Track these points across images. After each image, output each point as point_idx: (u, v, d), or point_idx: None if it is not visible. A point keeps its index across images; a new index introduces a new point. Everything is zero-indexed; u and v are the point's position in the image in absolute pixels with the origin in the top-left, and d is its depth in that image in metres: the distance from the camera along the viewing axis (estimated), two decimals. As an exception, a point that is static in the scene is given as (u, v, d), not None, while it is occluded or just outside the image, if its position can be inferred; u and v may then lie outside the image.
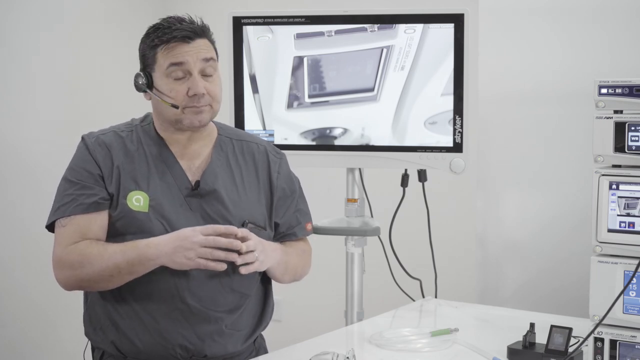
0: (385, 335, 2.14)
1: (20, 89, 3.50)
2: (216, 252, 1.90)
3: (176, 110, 2.03)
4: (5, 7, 3.43)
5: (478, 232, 2.99)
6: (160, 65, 2.03)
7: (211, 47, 2.07)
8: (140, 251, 1.94)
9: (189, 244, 1.90)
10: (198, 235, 1.91)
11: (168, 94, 2.03)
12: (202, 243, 1.90)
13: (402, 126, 2.62)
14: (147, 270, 1.95)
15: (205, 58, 2.03)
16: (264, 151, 2.20)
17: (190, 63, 2.01)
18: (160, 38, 2.02)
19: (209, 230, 1.92)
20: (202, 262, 1.91)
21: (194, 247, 1.90)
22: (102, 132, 2.11)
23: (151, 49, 2.04)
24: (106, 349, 2.07)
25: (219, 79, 2.08)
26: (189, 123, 2.04)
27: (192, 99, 2.02)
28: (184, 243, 1.91)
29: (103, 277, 1.96)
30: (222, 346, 2.07)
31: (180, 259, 1.91)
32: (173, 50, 2.01)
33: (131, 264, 1.94)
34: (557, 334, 1.94)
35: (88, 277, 1.97)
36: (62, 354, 3.56)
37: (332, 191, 3.08)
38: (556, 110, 2.78)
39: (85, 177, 2.03)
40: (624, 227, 1.92)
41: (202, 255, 1.90)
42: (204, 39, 2.05)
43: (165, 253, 1.92)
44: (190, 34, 2.02)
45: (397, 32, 2.58)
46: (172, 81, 2.02)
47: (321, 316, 3.24)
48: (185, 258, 1.91)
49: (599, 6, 2.69)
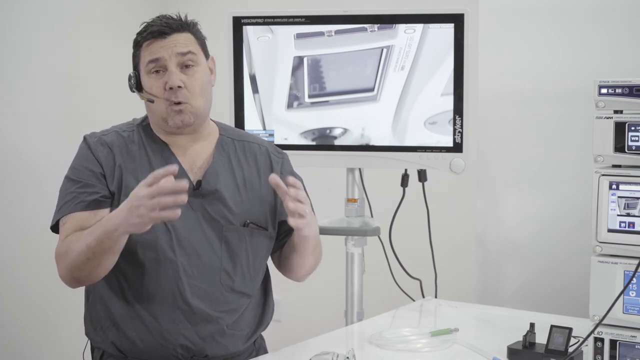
0: (385, 335, 2.14)
1: (21, 88, 3.50)
2: (163, 199, 1.79)
3: (161, 109, 2.03)
4: (5, 7, 3.43)
5: (478, 232, 2.99)
6: (143, 63, 2.04)
7: (192, 41, 2.06)
8: (104, 226, 1.89)
9: (136, 202, 1.81)
10: (142, 189, 1.81)
11: (149, 90, 2.04)
12: (148, 195, 1.80)
13: (402, 126, 2.62)
14: (116, 244, 1.89)
15: (182, 52, 2.02)
16: (265, 152, 2.19)
17: (166, 57, 2.01)
18: (140, 35, 2.05)
19: (149, 179, 1.81)
20: (154, 215, 1.80)
21: (142, 202, 1.80)
22: (104, 133, 2.11)
23: (136, 49, 2.06)
24: (106, 349, 2.07)
25: (202, 74, 2.06)
26: (173, 123, 2.04)
27: (170, 93, 2.01)
28: (133, 202, 1.82)
29: (82, 261, 1.92)
30: (223, 346, 2.06)
31: (135, 220, 1.82)
32: (150, 47, 2.03)
33: (100, 241, 1.89)
34: (557, 334, 1.94)
35: (72, 265, 1.94)
36: (62, 354, 3.56)
37: (332, 191, 3.08)
38: (556, 110, 2.78)
39: (86, 176, 2.03)
40: (624, 227, 1.92)
41: (151, 207, 1.80)
42: (183, 33, 2.04)
43: (122, 219, 1.85)
44: (166, 28, 2.02)
45: (397, 32, 2.58)
46: (152, 77, 2.03)
47: (321, 316, 3.24)
48: (138, 217, 1.81)
49: (599, 6, 2.69)
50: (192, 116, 2.05)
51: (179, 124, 2.04)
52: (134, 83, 2.06)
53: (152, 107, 2.05)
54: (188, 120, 2.04)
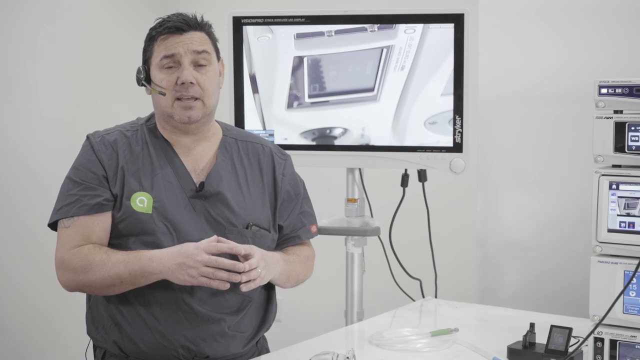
0: (385, 335, 2.14)
1: (21, 88, 3.50)
2: (219, 273, 1.90)
3: (167, 103, 2.04)
4: (5, 7, 3.43)
5: (478, 232, 2.98)
6: (155, 57, 2.05)
7: (207, 41, 2.08)
8: (144, 264, 1.93)
9: (192, 262, 1.90)
10: (202, 254, 1.90)
11: (159, 83, 2.04)
12: (206, 262, 1.89)
13: (402, 126, 2.62)
14: (149, 282, 1.95)
15: (197, 50, 2.04)
16: (269, 152, 2.19)
17: (181, 53, 2.03)
18: (156, 30, 2.06)
19: (212, 249, 1.91)
20: (204, 280, 1.90)
21: (197, 266, 1.89)
22: (107, 132, 2.11)
23: (149, 42, 2.07)
24: (108, 348, 2.07)
25: (214, 74, 2.08)
26: (179, 118, 2.04)
27: (181, 87, 2.02)
28: (187, 261, 1.90)
29: (104, 285, 1.96)
30: (225, 347, 2.06)
31: (183, 276, 1.91)
32: (165, 42, 2.04)
33: (133, 276, 1.94)
34: (557, 334, 1.94)
35: (90, 283, 1.97)
36: (63, 354, 3.56)
37: (332, 191, 3.08)
38: (556, 110, 2.78)
39: (89, 178, 2.03)
40: (624, 227, 1.92)
41: (204, 274, 1.89)
42: (199, 32, 2.06)
43: (168, 268, 1.92)
44: (183, 25, 2.04)
45: (397, 32, 2.58)
46: (164, 71, 2.04)
47: (321, 316, 3.25)
48: (188, 276, 1.90)
49: (600, 6, 2.69)
50: (201, 114, 2.06)
51: (185, 119, 2.04)
52: (144, 77, 2.07)
53: (159, 101, 2.06)
54: (196, 117, 2.05)
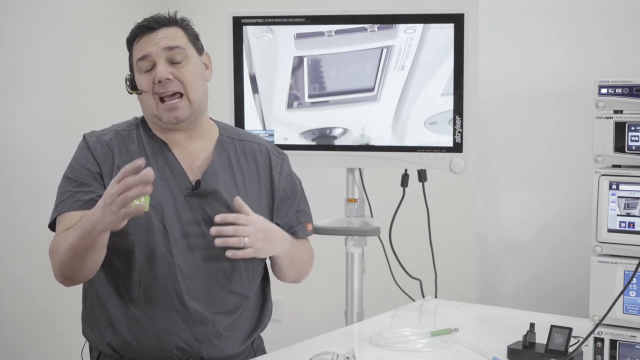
0: (385, 335, 2.14)
1: (21, 89, 3.50)
2: (128, 194, 1.77)
3: (152, 104, 2.03)
4: (5, 8, 3.43)
5: (478, 232, 2.98)
6: (134, 61, 2.06)
7: (181, 36, 2.06)
8: (83, 224, 1.88)
9: (109, 199, 1.81)
10: (113, 186, 1.81)
11: (139, 86, 2.04)
12: (118, 192, 1.79)
13: (402, 126, 2.62)
14: (96, 241, 1.88)
15: (169, 46, 2.03)
16: (265, 151, 2.19)
17: (152, 53, 2.02)
18: (131, 33, 2.06)
19: (118, 176, 1.81)
20: (123, 211, 1.79)
21: (113, 199, 1.80)
22: (104, 132, 2.11)
23: (129, 49, 2.08)
24: (103, 349, 2.07)
25: (193, 67, 2.06)
26: (167, 120, 2.04)
27: (159, 86, 2.01)
28: (106, 199, 1.82)
29: (68, 260, 1.92)
30: (220, 348, 2.06)
31: (109, 217, 1.82)
32: (139, 44, 2.04)
33: (81, 239, 1.88)
34: (557, 334, 1.94)
35: (59, 263, 1.94)
36: (60, 353, 3.56)
37: (332, 191, 3.08)
38: (556, 110, 2.78)
39: (84, 175, 2.03)
40: (624, 227, 1.92)
41: (121, 203, 1.79)
42: (171, 28, 2.05)
43: (98, 217, 1.84)
44: (152, 23, 2.03)
45: (397, 32, 2.58)
46: (143, 74, 2.04)
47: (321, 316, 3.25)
48: (111, 214, 1.81)
49: (599, 6, 2.69)
50: (188, 111, 2.04)
51: (172, 120, 2.04)
52: (130, 84, 2.07)
53: (144, 103, 2.06)
54: (183, 116, 2.04)
